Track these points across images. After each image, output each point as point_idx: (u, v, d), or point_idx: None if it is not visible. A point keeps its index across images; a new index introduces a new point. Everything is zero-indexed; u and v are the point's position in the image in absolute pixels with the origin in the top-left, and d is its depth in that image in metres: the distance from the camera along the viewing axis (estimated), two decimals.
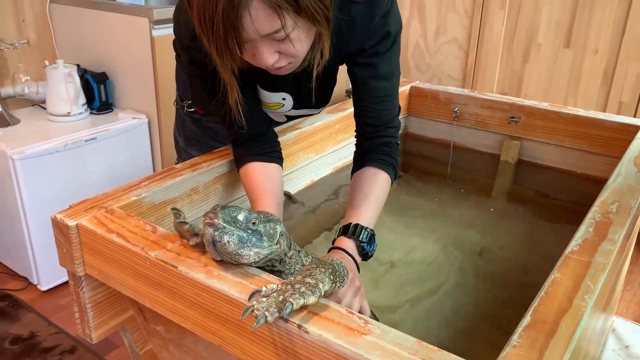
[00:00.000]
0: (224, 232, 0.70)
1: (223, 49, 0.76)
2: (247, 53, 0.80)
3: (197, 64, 0.96)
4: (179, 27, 0.98)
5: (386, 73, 0.98)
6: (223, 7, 0.71)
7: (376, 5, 0.93)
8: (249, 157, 1.02)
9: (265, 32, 0.75)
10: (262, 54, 0.79)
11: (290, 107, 1.08)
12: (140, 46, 2.02)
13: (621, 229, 0.87)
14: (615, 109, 2.33)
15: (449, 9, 2.62)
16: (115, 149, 2.08)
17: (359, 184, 0.98)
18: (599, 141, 1.41)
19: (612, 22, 2.26)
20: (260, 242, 0.73)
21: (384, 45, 0.96)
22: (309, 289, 0.65)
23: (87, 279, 0.89)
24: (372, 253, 0.91)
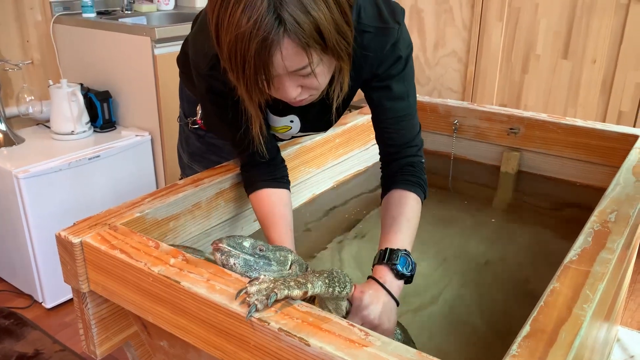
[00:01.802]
0: (230, 255, 0.76)
1: (252, 85, 0.78)
2: (272, 87, 0.82)
3: (214, 91, 0.98)
4: (197, 56, 0.98)
5: (402, 93, 1.01)
6: (256, 47, 0.73)
7: (388, 34, 0.96)
8: (260, 183, 1.04)
9: (293, 68, 0.78)
10: (287, 89, 0.82)
11: (298, 129, 1.11)
12: (143, 65, 2.05)
13: (620, 238, 0.88)
14: (615, 119, 2.34)
15: (448, 23, 2.64)
16: (119, 166, 2.10)
17: (387, 209, 1.00)
18: (599, 151, 1.42)
19: (610, 32, 2.28)
20: (268, 266, 0.78)
21: (396, 68, 0.99)
22: (297, 284, 0.70)
23: (91, 295, 0.90)
24: (410, 273, 0.91)
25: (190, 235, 1.04)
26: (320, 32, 0.75)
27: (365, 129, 1.53)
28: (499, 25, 2.51)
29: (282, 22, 0.72)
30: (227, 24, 0.74)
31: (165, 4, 2.61)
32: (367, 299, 0.84)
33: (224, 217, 1.11)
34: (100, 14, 2.37)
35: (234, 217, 1.13)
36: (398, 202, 0.99)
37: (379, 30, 0.95)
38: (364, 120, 1.52)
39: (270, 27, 0.72)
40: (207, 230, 1.07)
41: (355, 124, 1.50)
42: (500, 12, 2.48)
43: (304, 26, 0.73)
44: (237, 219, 1.14)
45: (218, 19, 0.76)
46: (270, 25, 0.72)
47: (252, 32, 0.72)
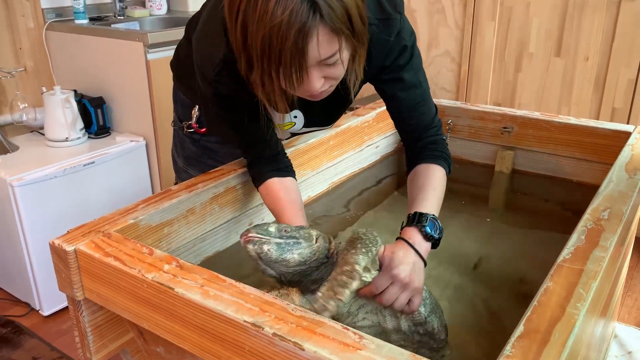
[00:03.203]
0: (262, 242, 0.78)
1: (287, 78, 0.79)
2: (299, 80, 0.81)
3: (220, 96, 0.98)
4: (203, 63, 0.98)
5: (414, 82, 1.04)
6: (294, 36, 0.74)
7: (391, 26, 0.97)
8: (267, 174, 1.06)
9: (325, 56, 0.79)
10: (313, 80, 0.82)
11: (302, 125, 1.13)
12: (136, 70, 2.05)
13: (613, 235, 0.88)
14: (609, 116, 2.34)
15: (440, 23, 2.65)
16: (114, 172, 2.09)
17: (414, 180, 1.04)
18: (592, 148, 1.43)
19: (601, 29, 2.29)
20: (298, 245, 0.80)
21: (404, 58, 1.02)
22: (348, 275, 0.75)
23: (87, 303, 0.89)
24: (438, 236, 0.93)
25: (185, 241, 1.04)
26: (349, 17, 0.77)
27: (359, 130, 1.53)
28: (491, 25, 2.51)
29: (317, 9, 0.74)
30: (259, 19, 0.74)
31: (158, 9, 2.61)
32: (398, 259, 0.85)
33: (219, 222, 1.11)
34: (92, 20, 2.37)
35: (229, 221, 1.13)
36: (424, 173, 1.03)
37: (382, 22, 0.96)
38: (358, 122, 1.53)
39: (307, 15, 0.73)
40: (201, 235, 1.07)
41: (350, 126, 1.50)
42: (493, 11, 2.49)
43: (337, 11, 0.75)
44: (232, 223, 1.14)
45: (245, 16, 0.76)
46: (306, 13, 0.73)
47: (288, 21, 0.73)
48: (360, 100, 2.80)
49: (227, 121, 1.03)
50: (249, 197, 1.17)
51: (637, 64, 2.25)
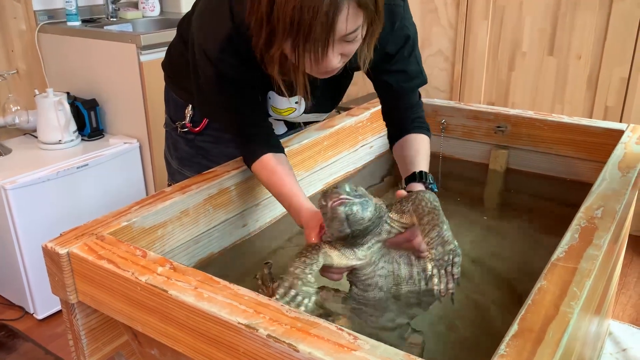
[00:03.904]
0: (352, 204, 0.82)
1: (315, 51, 0.81)
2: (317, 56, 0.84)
3: (222, 75, 1.00)
4: (207, 41, 0.99)
5: (416, 72, 1.11)
6: (326, 9, 0.77)
7: (395, 12, 1.01)
8: (261, 151, 1.07)
9: (350, 30, 0.82)
10: (331, 56, 0.84)
11: (302, 111, 1.14)
12: (129, 72, 2.04)
13: (606, 234, 0.88)
14: (602, 114, 2.35)
15: (433, 22, 2.65)
16: (108, 174, 2.09)
17: (408, 145, 1.12)
18: (585, 147, 1.43)
19: (594, 28, 2.30)
20: (368, 202, 0.85)
21: (407, 49, 1.07)
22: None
23: (80, 306, 0.89)
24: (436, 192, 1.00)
25: (178, 243, 1.04)
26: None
27: (353, 130, 1.53)
28: (484, 24, 2.52)
29: None
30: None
31: (151, 11, 2.61)
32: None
33: (213, 223, 1.11)
34: (85, 22, 2.36)
35: (223, 223, 1.13)
36: (416, 140, 1.12)
37: (386, 7, 0.96)
38: (352, 122, 1.52)
39: None
40: (195, 237, 1.07)
41: (344, 126, 1.50)
42: (486, 10, 2.50)
43: None
44: (226, 224, 1.14)
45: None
46: None
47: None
48: (354, 101, 2.80)
49: (225, 101, 1.03)
50: (243, 198, 1.17)
51: (629, 63, 2.26)
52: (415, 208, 0.88)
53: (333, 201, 0.81)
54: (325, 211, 0.83)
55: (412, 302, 0.93)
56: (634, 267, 2.23)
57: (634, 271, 2.20)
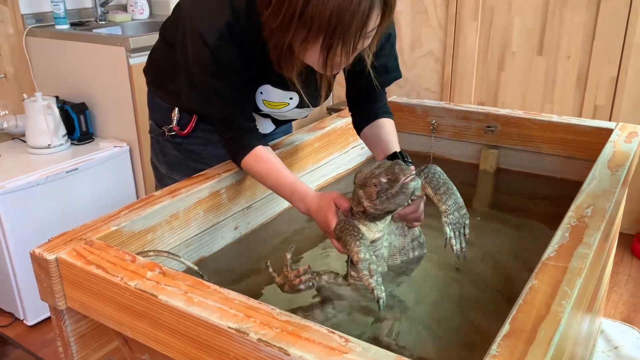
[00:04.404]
0: (418, 180, 0.90)
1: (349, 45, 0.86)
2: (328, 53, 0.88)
3: (217, 61, 1.00)
4: (204, 28, 0.99)
5: (394, 67, 1.20)
6: (364, 6, 0.82)
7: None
8: (252, 144, 1.08)
9: (372, 27, 0.87)
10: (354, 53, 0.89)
11: (295, 106, 1.16)
12: (118, 75, 2.03)
13: (596, 232, 0.88)
14: (591, 113, 2.37)
15: (423, 23, 2.66)
16: (98, 178, 2.07)
17: (381, 129, 1.19)
18: (575, 146, 1.44)
19: (582, 27, 2.31)
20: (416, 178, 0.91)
21: (389, 45, 1.14)
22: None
23: (69, 312, 0.88)
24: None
25: (168, 247, 1.03)
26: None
27: (344, 132, 1.53)
28: (474, 25, 2.53)
29: None
30: None
31: (140, 13, 2.60)
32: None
33: (204, 227, 1.10)
34: (73, 25, 2.34)
35: (214, 226, 1.12)
36: (387, 124, 1.20)
37: None
38: (343, 124, 1.52)
39: None
40: (186, 241, 1.06)
41: (334, 128, 1.49)
42: (475, 11, 2.51)
43: None
44: (217, 228, 1.13)
45: None
46: None
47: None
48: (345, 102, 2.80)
49: (219, 87, 1.04)
50: (234, 201, 1.17)
51: (617, 62, 2.27)
52: (429, 181, 0.96)
53: (406, 177, 0.86)
54: (389, 186, 0.88)
55: (401, 271, 1.02)
56: (624, 264, 2.24)
57: (625, 269, 2.22)
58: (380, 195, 0.88)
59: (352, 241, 0.87)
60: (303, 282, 0.93)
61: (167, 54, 1.19)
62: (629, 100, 2.29)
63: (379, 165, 0.92)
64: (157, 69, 1.26)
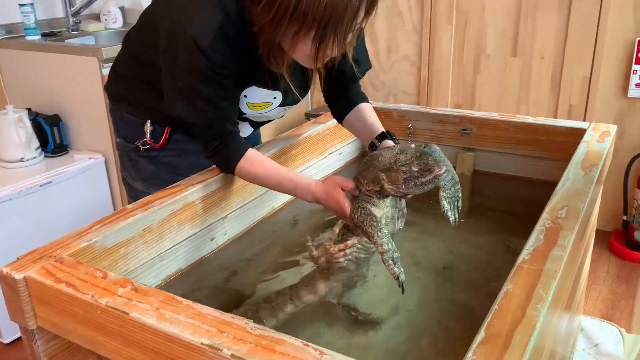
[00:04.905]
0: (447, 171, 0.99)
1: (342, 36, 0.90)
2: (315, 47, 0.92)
3: (211, 65, 0.99)
4: (198, 31, 0.97)
5: (366, 59, 1.24)
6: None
7: None
8: (243, 148, 1.10)
9: (361, 19, 0.92)
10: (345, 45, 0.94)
11: (277, 105, 1.18)
12: (92, 85, 2.00)
13: (570, 233, 0.89)
14: (566, 113, 2.40)
15: (398, 27, 2.67)
16: (73, 191, 2.04)
17: (363, 114, 1.25)
18: (549, 146, 1.45)
19: (555, 28, 2.34)
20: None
21: (360, 38, 1.17)
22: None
23: (40, 332, 0.86)
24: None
25: (143, 261, 1.01)
26: None
27: (321, 138, 1.52)
28: (448, 28, 2.54)
29: None
30: None
31: (113, 22, 2.57)
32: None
33: (179, 239, 1.08)
34: (45, 35, 2.31)
35: (189, 238, 1.11)
36: (369, 108, 1.27)
37: None
38: (320, 130, 1.52)
39: None
40: (161, 254, 1.04)
41: (311, 134, 1.49)
42: (449, 14, 2.52)
43: None
44: (193, 239, 1.12)
45: None
46: None
47: None
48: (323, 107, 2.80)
49: (211, 92, 1.02)
50: (210, 212, 1.15)
51: (590, 61, 2.31)
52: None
53: (440, 169, 0.94)
54: (419, 174, 0.95)
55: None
56: (602, 262, 2.27)
57: (603, 266, 2.24)
58: (408, 181, 0.96)
59: (374, 233, 0.96)
60: (347, 255, 1.02)
61: (134, 66, 1.18)
62: (602, 99, 2.33)
63: (403, 151, 1.00)
64: (123, 83, 1.23)
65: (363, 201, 1.01)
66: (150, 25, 1.13)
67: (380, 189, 1.00)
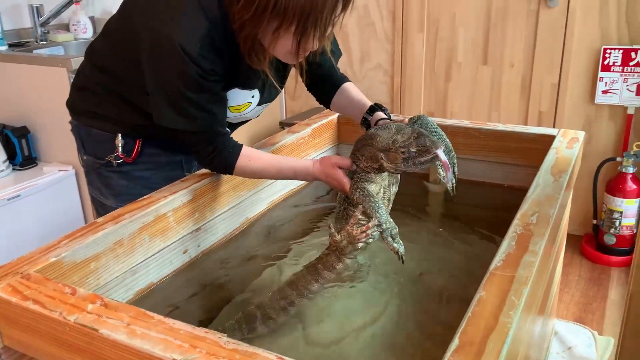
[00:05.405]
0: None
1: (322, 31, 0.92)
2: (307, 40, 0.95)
3: (201, 72, 0.99)
4: (185, 39, 0.96)
5: (337, 47, 1.28)
6: None
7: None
8: (237, 146, 1.12)
9: (340, 11, 0.93)
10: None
11: (257, 104, 1.19)
12: (61, 96, 1.95)
13: (541, 239, 0.90)
14: (536, 119, 2.44)
15: (371, 37, 2.69)
16: (43, 204, 1.99)
17: (348, 92, 1.31)
18: (520, 153, 1.47)
19: (524, 37, 2.39)
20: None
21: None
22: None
23: (7, 351, 0.83)
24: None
25: (114, 276, 0.99)
26: None
27: (295, 147, 1.52)
28: (420, 37, 2.57)
29: None
30: None
31: (83, 32, 2.53)
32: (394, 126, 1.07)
33: (150, 252, 1.06)
34: (12, 46, 2.26)
35: (162, 251, 1.09)
36: (352, 87, 1.32)
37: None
38: (294, 139, 1.51)
39: None
40: (132, 268, 1.03)
41: (285, 143, 1.48)
42: (420, 23, 2.55)
43: None
44: (165, 252, 1.10)
45: None
46: None
47: None
48: (298, 116, 2.80)
49: (201, 99, 1.03)
50: (182, 224, 1.14)
51: (558, 69, 2.35)
52: (424, 128, 1.09)
53: (438, 149, 0.97)
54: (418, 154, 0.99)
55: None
56: (574, 265, 2.31)
57: (575, 269, 2.28)
58: (407, 161, 1.00)
59: (373, 212, 1.01)
60: (370, 235, 1.03)
61: (102, 78, 1.16)
62: (571, 106, 2.38)
63: (400, 130, 1.03)
64: (89, 97, 1.20)
65: (361, 180, 1.06)
66: (118, 36, 1.11)
67: (379, 167, 1.05)
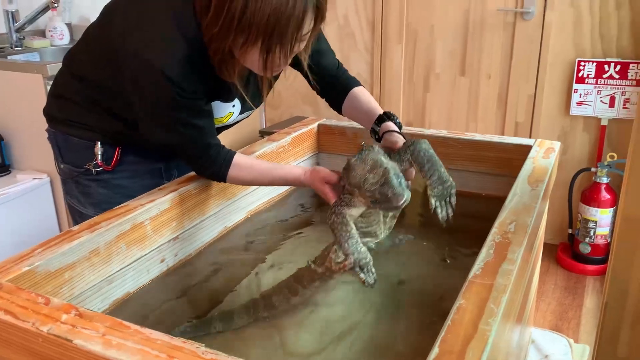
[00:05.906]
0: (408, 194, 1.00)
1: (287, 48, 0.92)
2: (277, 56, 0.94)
3: (182, 93, 0.99)
4: (165, 61, 0.96)
5: (327, 46, 1.28)
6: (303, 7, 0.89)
7: None
8: (230, 154, 1.13)
9: (306, 31, 0.93)
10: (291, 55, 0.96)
11: (238, 113, 1.21)
12: (36, 103, 1.93)
13: (519, 247, 0.91)
14: (512, 130, 2.48)
15: (351, 47, 2.71)
16: (16, 213, 1.95)
17: (360, 97, 1.30)
18: (497, 163, 1.49)
19: (500, 48, 2.43)
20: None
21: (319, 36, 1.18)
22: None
23: None
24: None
25: (89, 285, 0.97)
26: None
27: (275, 155, 1.52)
28: (398, 48, 2.60)
29: None
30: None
31: (60, 39, 2.50)
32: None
33: (127, 261, 1.05)
34: None
35: (138, 260, 1.07)
36: (363, 92, 1.31)
37: None
38: (274, 147, 1.51)
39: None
40: (108, 277, 1.01)
41: (265, 152, 1.48)
42: (399, 34, 2.58)
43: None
44: (142, 261, 1.08)
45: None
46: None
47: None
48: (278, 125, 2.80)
49: (185, 118, 1.03)
50: (159, 232, 1.12)
51: (534, 81, 2.40)
52: (415, 158, 1.08)
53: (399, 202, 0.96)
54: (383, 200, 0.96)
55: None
56: (550, 274, 2.34)
57: (551, 278, 2.31)
58: (375, 204, 0.99)
59: (343, 242, 1.01)
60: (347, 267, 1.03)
61: (80, 87, 1.14)
62: (547, 116, 2.42)
63: (373, 168, 0.99)
64: (68, 106, 1.19)
65: (342, 203, 1.05)
66: (97, 46, 1.10)
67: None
